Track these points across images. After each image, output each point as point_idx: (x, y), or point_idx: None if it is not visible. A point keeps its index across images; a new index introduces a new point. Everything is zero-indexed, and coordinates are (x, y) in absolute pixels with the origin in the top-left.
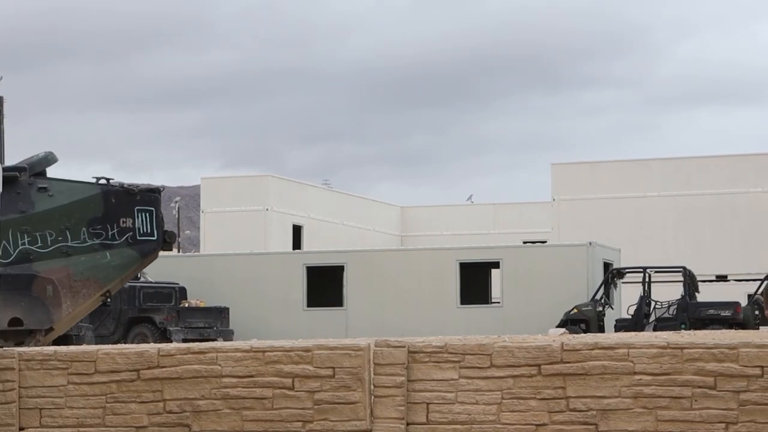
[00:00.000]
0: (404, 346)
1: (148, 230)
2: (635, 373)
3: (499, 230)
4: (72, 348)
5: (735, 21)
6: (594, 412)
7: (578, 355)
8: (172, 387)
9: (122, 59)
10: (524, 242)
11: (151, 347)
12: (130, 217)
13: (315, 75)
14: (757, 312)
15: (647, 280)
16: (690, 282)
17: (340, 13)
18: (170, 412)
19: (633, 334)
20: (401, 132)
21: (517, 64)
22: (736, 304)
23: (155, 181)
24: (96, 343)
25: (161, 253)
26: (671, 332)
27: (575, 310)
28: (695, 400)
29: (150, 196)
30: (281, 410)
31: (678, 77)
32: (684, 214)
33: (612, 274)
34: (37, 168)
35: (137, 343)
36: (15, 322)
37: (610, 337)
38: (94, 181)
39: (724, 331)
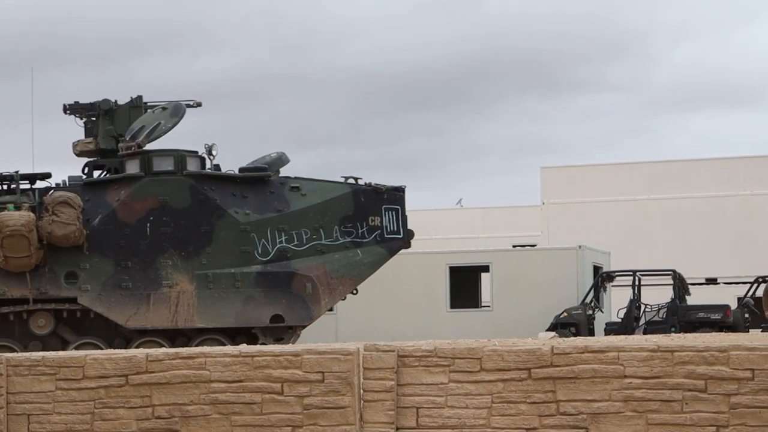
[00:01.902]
0: (394, 351)
1: (395, 228)
2: (625, 377)
3: (489, 234)
4: (60, 353)
5: (730, 26)
6: (584, 416)
7: (568, 358)
8: (160, 392)
9: (120, 65)
10: (514, 246)
11: (140, 352)
12: (378, 216)
13: (313, 80)
14: (747, 315)
15: (637, 283)
16: (680, 285)
17: (339, 19)
18: (159, 417)
19: (623, 337)
20: (397, 136)
21: (513, 68)
22: (726, 307)
23: None
24: None
25: None
26: (661, 335)
27: (565, 314)
28: (686, 404)
29: (396, 194)
30: (270, 415)
31: (674, 82)
32: (673, 217)
33: (602, 278)
34: (273, 168)
35: None
36: (276, 318)
37: (600, 340)
38: (342, 180)
39: (714, 334)
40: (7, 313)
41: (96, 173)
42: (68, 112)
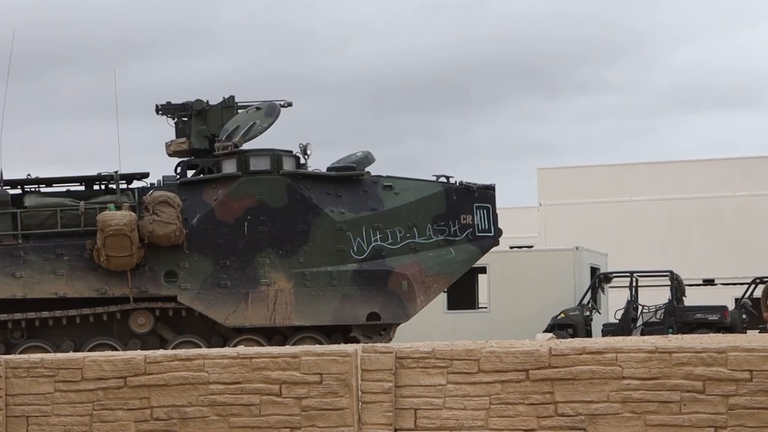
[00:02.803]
0: (391, 352)
1: (486, 226)
2: (623, 378)
3: None
4: (58, 355)
5: (730, 28)
6: (582, 417)
7: (566, 359)
8: (159, 394)
9: (120, 68)
10: (511, 247)
11: (138, 354)
12: (470, 214)
13: (313, 83)
14: (744, 316)
15: (634, 284)
16: (677, 286)
17: (340, 21)
18: (157, 419)
19: (620, 338)
20: (397, 138)
21: (512, 70)
22: (724, 308)
23: None
24: None
25: None
26: (659, 336)
27: (562, 315)
28: (684, 405)
29: (486, 193)
30: (269, 417)
31: (674, 83)
32: (671, 218)
33: (599, 279)
34: (360, 167)
35: None
36: (373, 316)
37: (597, 341)
38: (434, 178)
39: (711, 335)
40: (107, 312)
41: (188, 173)
42: (160, 112)
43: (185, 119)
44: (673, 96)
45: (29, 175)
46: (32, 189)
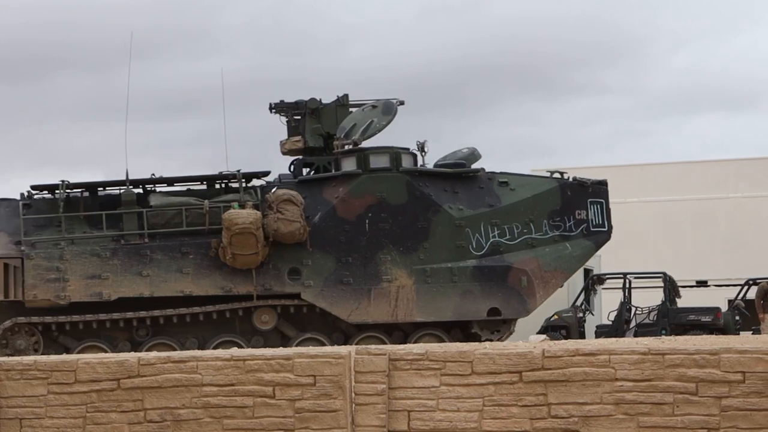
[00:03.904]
0: (385, 354)
1: (600, 221)
2: (616, 380)
3: None
4: (52, 357)
5: (729, 31)
6: (576, 419)
7: (559, 361)
8: (152, 396)
9: (120, 70)
10: None
11: (131, 356)
12: (584, 209)
13: (314, 85)
14: (737, 317)
15: (627, 285)
16: (670, 287)
17: (342, 24)
18: (151, 421)
19: (614, 340)
20: (397, 140)
21: (511, 72)
22: (717, 309)
23: None
24: None
25: None
26: (652, 338)
27: (556, 317)
28: (677, 406)
29: (600, 188)
30: (262, 419)
31: (672, 86)
32: (664, 219)
33: (592, 280)
34: (468, 164)
35: None
36: (493, 311)
37: (591, 343)
38: (548, 175)
39: (705, 336)
40: (231, 310)
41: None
42: (273, 110)
43: (298, 118)
44: (671, 98)
45: (153, 174)
46: (151, 189)
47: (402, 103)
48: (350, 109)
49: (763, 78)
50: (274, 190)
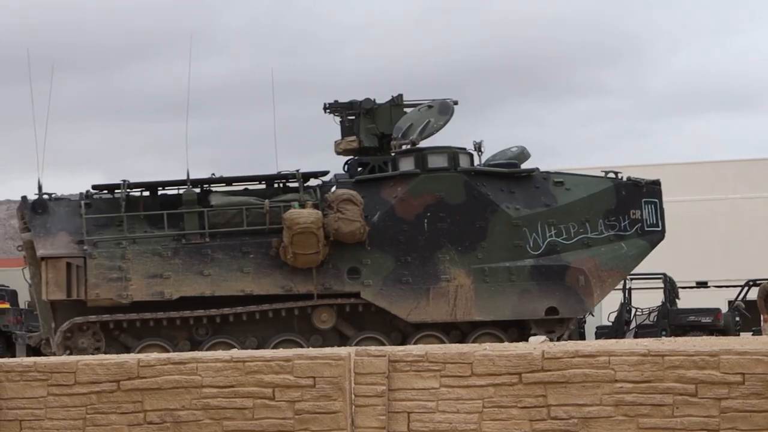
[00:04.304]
0: (385, 355)
1: (654, 221)
2: (616, 381)
3: None
4: (52, 359)
5: (728, 32)
6: (575, 420)
7: (559, 363)
8: (152, 398)
9: (120, 70)
10: None
11: (131, 358)
12: (638, 209)
13: (312, 85)
14: (737, 318)
15: (627, 287)
16: (670, 289)
17: (340, 25)
18: (151, 423)
19: (614, 341)
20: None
21: (511, 73)
22: (717, 310)
23: None
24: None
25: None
26: (652, 339)
27: None
28: (676, 408)
29: (653, 188)
30: (262, 420)
31: (672, 87)
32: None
33: None
34: (519, 163)
35: None
36: (551, 311)
37: (590, 344)
38: (603, 174)
39: (704, 337)
40: (290, 308)
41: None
42: (328, 110)
43: (352, 118)
44: (671, 99)
45: (213, 174)
46: (208, 188)
47: (456, 103)
48: (404, 110)
49: (763, 79)
50: (333, 189)
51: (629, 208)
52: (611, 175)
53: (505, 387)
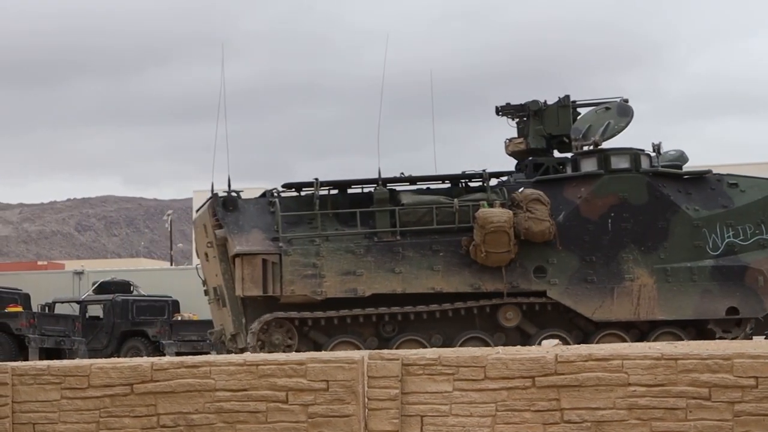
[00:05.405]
0: (398, 359)
1: None
2: (629, 385)
3: None
4: (65, 362)
5: (745, 36)
6: (588, 424)
7: (572, 366)
8: (165, 401)
9: (137, 75)
10: None
11: (145, 361)
12: None
13: (331, 90)
14: None
15: None
16: None
17: (358, 30)
18: (164, 426)
19: (626, 344)
20: (412, 144)
21: (528, 76)
22: None
23: (162, 194)
24: (89, 357)
25: (153, 266)
26: (665, 343)
27: None
28: (690, 411)
29: None
30: (275, 424)
31: (689, 91)
32: None
33: None
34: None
35: (131, 357)
36: (732, 311)
37: (603, 348)
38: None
39: (717, 341)
40: (476, 307)
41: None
42: (500, 113)
43: (525, 119)
44: (689, 103)
45: (402, 173)
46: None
47: (626, 101)
48: (578, 110)
49: None
50: (521, 189)
51: None
52: None
53: (518, 390)
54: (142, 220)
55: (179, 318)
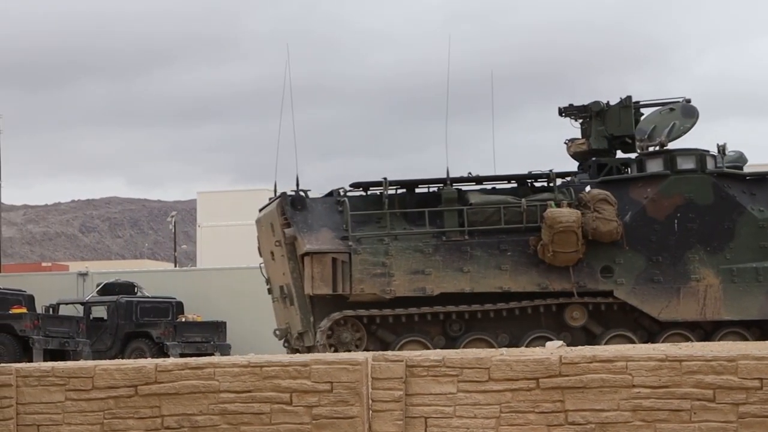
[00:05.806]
0: (402, 360)
1: None
2: (634, 386)
3: None
4: (69, 364)
5: (752, 37)
6: (593, 426)
7: (576, 368)
8: (170, 403)
9: (141, 77)
10: None
11: (149, 363)
12: None
13: (335, 91)
14: None
15: None
16: None
17: (365, 31)
18: (168, 427)
19: (631, 346)
20: (416, 146)
21: (535, 78)
22: None
23: (168, 195)
24: (93, 359)
25: (157, 267)
26: (669, 344)
27: None
28: (694, 413)
29: None
30: (279, 425)
31: (696, 92)
32: None
33: None
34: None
35: (134, 358)
36: None
37: (608, 349)
38: None
39: (722, 342)
40: (544, 306)
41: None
42: (563, 114)
43: (587, 120)
44: (695, 105)
45: (470, 173)
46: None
47: (688, 101)
48: (641, 110)
49: None
50: (588, 189)
51: None
52: None
53: (522, 392)
54: (146, 222)
55: (183, 319)
